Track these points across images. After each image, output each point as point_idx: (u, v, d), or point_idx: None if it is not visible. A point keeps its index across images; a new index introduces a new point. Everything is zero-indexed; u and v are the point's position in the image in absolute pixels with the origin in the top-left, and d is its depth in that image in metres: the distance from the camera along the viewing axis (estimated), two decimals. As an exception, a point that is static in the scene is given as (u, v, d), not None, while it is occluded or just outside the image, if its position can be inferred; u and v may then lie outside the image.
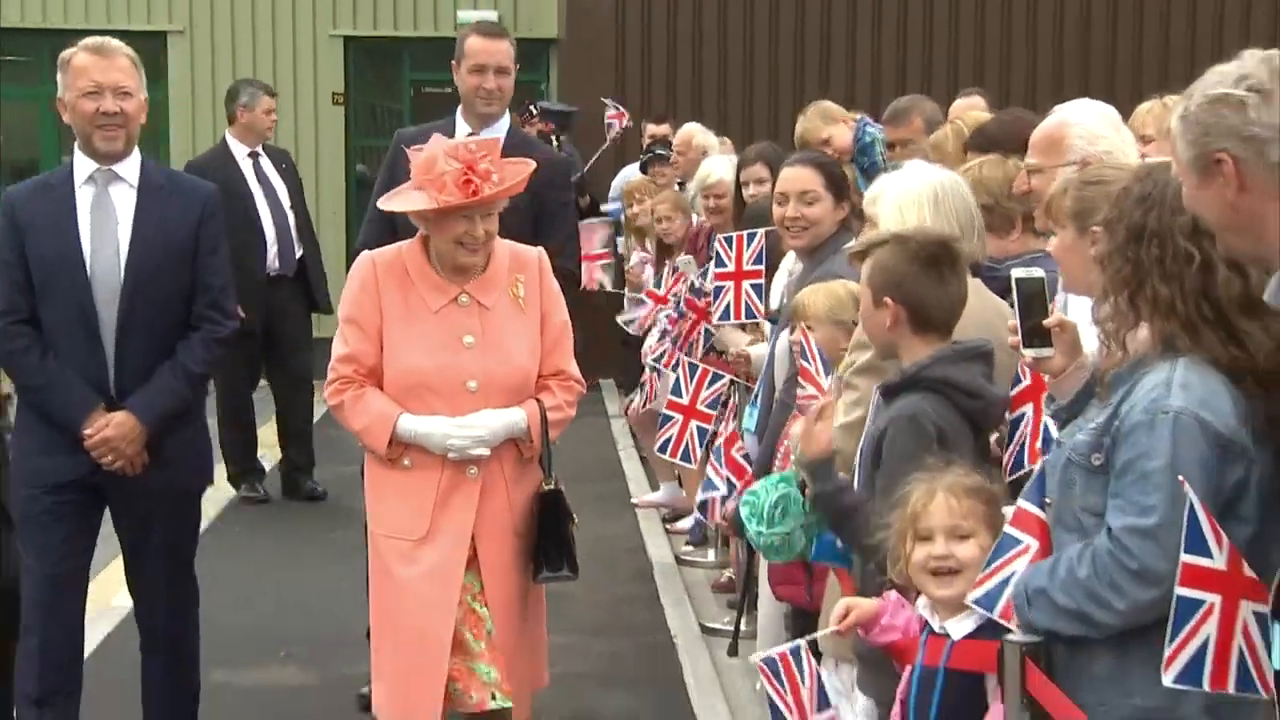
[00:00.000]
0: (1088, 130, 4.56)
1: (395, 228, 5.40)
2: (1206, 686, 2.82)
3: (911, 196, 4.46)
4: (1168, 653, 2.81)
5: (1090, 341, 3.47)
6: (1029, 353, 3.54)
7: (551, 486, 4.94)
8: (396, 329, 4.86)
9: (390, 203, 4.93)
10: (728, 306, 6.72)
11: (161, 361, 5.25)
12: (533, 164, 4.99)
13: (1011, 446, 3.98)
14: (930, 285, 3.95)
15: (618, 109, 13.02)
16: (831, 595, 4.21)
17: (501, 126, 6.10)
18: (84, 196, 5.27)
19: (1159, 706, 3.00)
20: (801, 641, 3.90)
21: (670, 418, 7.10)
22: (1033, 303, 3.52)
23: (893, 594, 3.60)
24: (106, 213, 5.25)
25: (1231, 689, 2.82)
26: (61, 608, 5.32)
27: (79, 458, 5.20)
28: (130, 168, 5.31)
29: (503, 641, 4.87)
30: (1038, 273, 3.58)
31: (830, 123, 7.93)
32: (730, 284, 6.69)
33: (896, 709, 3.52)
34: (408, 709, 4.86)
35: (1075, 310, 3.88)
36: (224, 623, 7.49)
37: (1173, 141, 2.97)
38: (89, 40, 5.39)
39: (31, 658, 5.28)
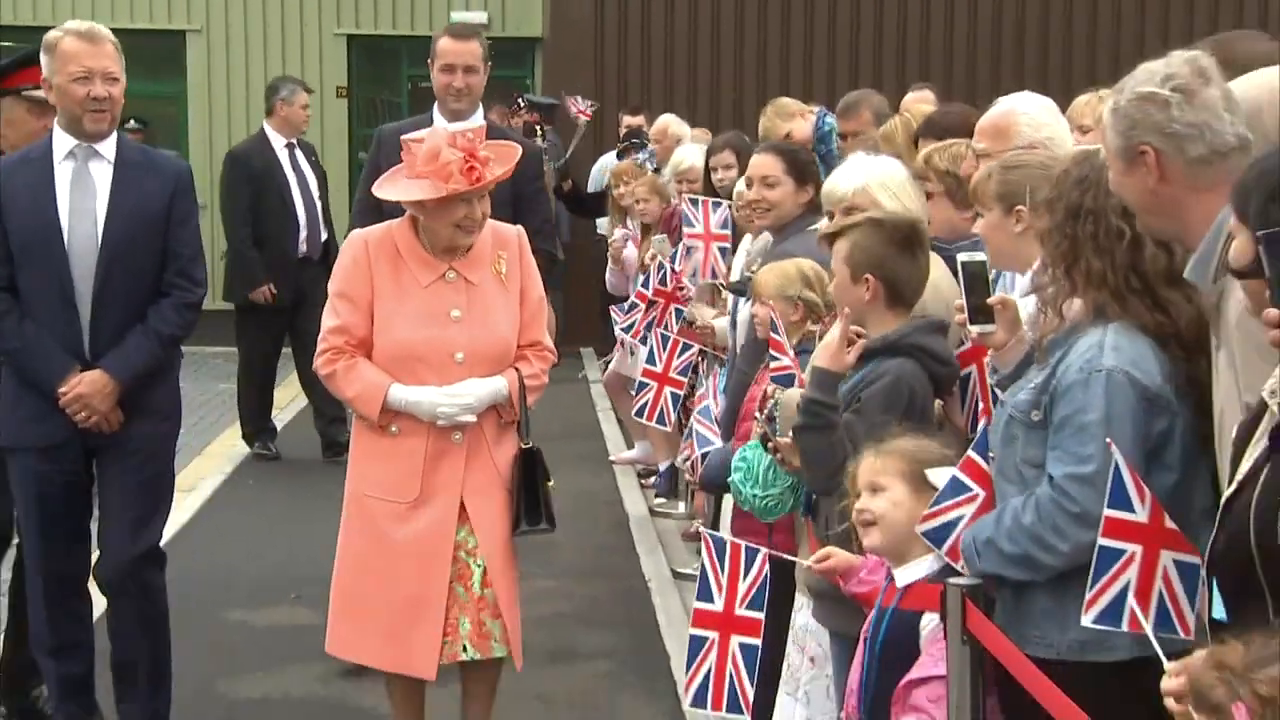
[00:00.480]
0: (1033, 118, 4.55)
1: (382, 216, 5.27)
2: (1125, 627, 2.84)
3: (898, 181, 4.53)
4: (1088, 597, 2.83)
5: (1026, 308, 3.48)
6: (974, 329, 3.55)
7: (529, 446, 4.86)
8: (388, 303, 4.77)
9: (389, 191, 4.76)
10: (697, 267, 6.69)
11: (135, 328, 5.09)
12: (517, 145, 4.93)
13: (968, 405, 3.99)
14: (904, 263, 3.98)
15: (578, 106, 12.92)
16: (806, 548, 4.22)
17: (476, 120, 6.02)
18: (63, 171, 5.07)
19: (1091, 640, 3.02)
20: (763, 549, 3.90)
21: (645, 385, 7.08)
22: (976, 283, 3.53)
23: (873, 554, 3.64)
24: (85, 188, 5.07)
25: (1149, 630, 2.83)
26: (63, 569, 5.14)
27: (59, 419, 5.02)
28: (109, 145, 5.12)
29: (499, 586, 4.80)
30: (980, 256, 3.59)
31: (787, 119, 7.86)
32: (701, 244, 6.66)
33: (861, 644, 3.57)
34: (406, 662, 4.79)
35: (1016, 290, 3.88)
36: (240, 568, 7.49)
37: (1103, 130, 2.99)
38: (75, 25, 5.15)
39: (39, 611, 5.15)
